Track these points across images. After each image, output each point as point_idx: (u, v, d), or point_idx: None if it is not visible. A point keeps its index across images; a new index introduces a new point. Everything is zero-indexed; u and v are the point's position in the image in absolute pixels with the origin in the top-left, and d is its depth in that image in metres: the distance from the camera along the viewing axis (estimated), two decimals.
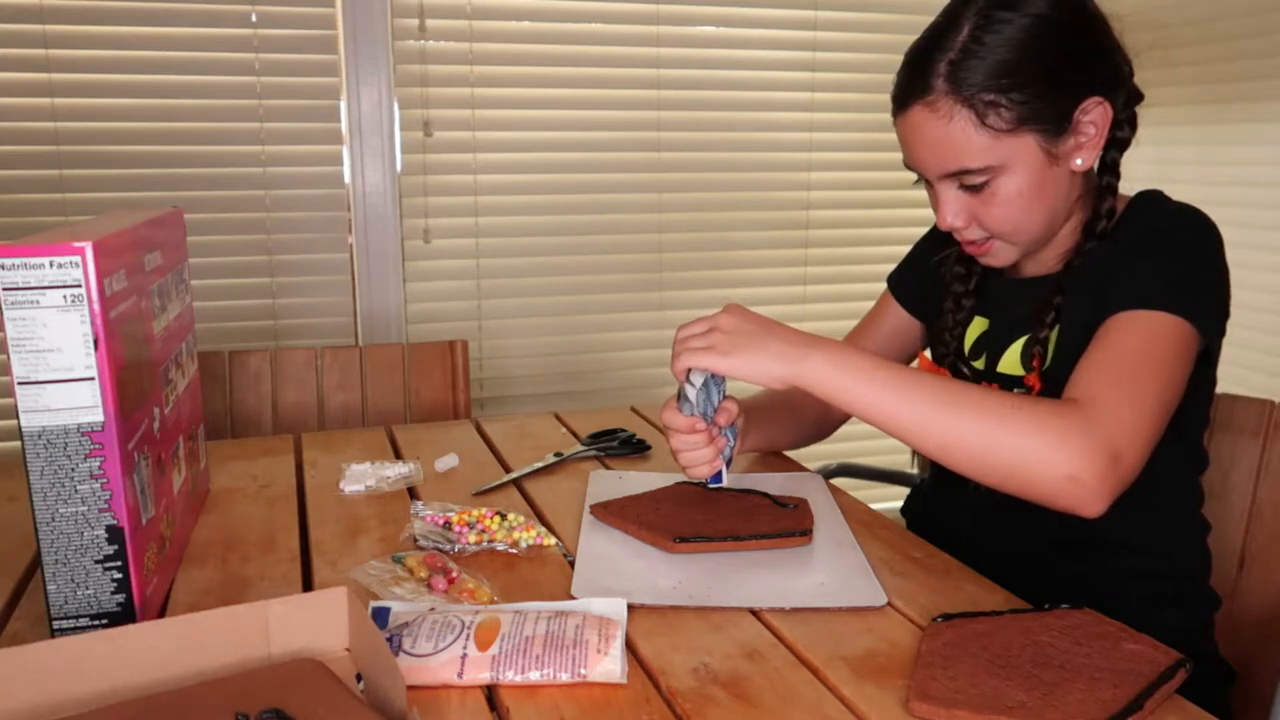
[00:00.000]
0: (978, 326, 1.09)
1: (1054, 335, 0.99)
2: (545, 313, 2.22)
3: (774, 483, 1.15)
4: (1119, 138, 0.98)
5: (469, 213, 2.12)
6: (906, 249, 1.27)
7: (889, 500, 2.08)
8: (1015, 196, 0.94)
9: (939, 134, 0.93)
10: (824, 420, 1.26)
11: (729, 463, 1.02)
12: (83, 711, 0.65)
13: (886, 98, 1.03)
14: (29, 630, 0.83)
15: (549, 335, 2.23)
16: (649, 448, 1.30)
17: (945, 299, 1.11)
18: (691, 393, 0.96)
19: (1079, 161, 0.95)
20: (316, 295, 2.06)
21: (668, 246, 2.27)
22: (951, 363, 1.08)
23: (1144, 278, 0.92)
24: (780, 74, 2.27)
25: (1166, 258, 0.93)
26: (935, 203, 1.00)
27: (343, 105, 2.00)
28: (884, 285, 1.26)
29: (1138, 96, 0.99)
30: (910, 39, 1.02)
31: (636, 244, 2.25)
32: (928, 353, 1.17)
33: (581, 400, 2.24)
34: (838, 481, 1.23)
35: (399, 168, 2.06)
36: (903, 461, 1.34)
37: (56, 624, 0.78)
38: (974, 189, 0.95)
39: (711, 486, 1.02)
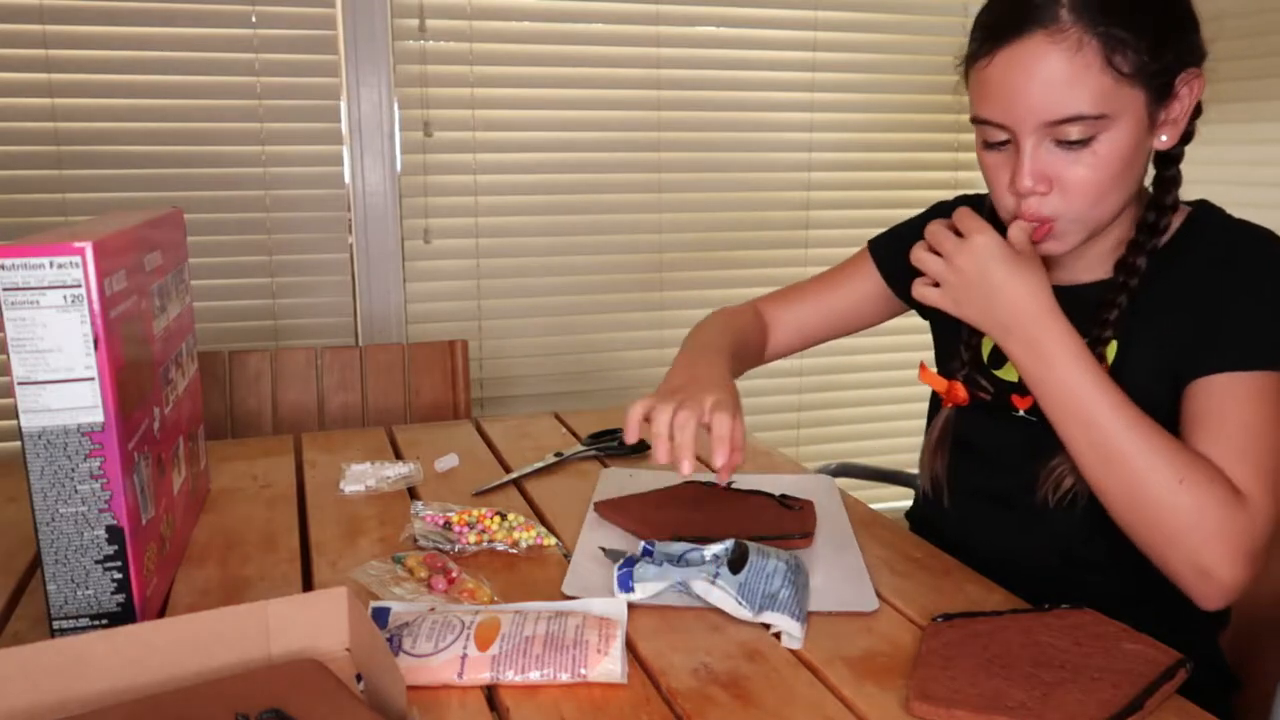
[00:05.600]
0: None
1: (1111, 349, 0.94)
2: (545, 313, 2.22)
3: (783, 484, 1.15)
4: (1188, 130, 0.92)
5: (469, 213, 2.12)
6: None
7: (889, 500, 2.08)
8: (1112, 159, 0.86)
9: (1060, 69, 0.83)
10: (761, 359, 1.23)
11: None
12: (83, 711, 0.65)
13: (887, 97, 1.00)
14: (29, 630, 0.83)
15: (549, 335, 2.23)
16: (649, 448, 1.30)
17: None
18: None
19: (1164, 138, 0.89)
20: (316, 295, 2.06)
21: (668, 246, 2.27)
22: (967, 375, 1.03)
23: (1260, 333, 0.88)
24: (780, 74, 2.27)
25: (1270, 307, 0.89)
26: (1001, 169, 0.91)
27: (343, 105, 2.00)
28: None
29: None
30: (910, 39, 1.00)
31: (636, 244, 2.25)
32: (929, 363, 1.12)
33: (581, 400, 2.24)
34: (837, 481, 1.23)
35: (399, 168, 2.06)
36: (903, 461, 1.34)
37: (56, 624, 0.78)
38: (1071, 145, 0.86)
39: None
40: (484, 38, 2.06)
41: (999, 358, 1.03)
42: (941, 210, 1.18)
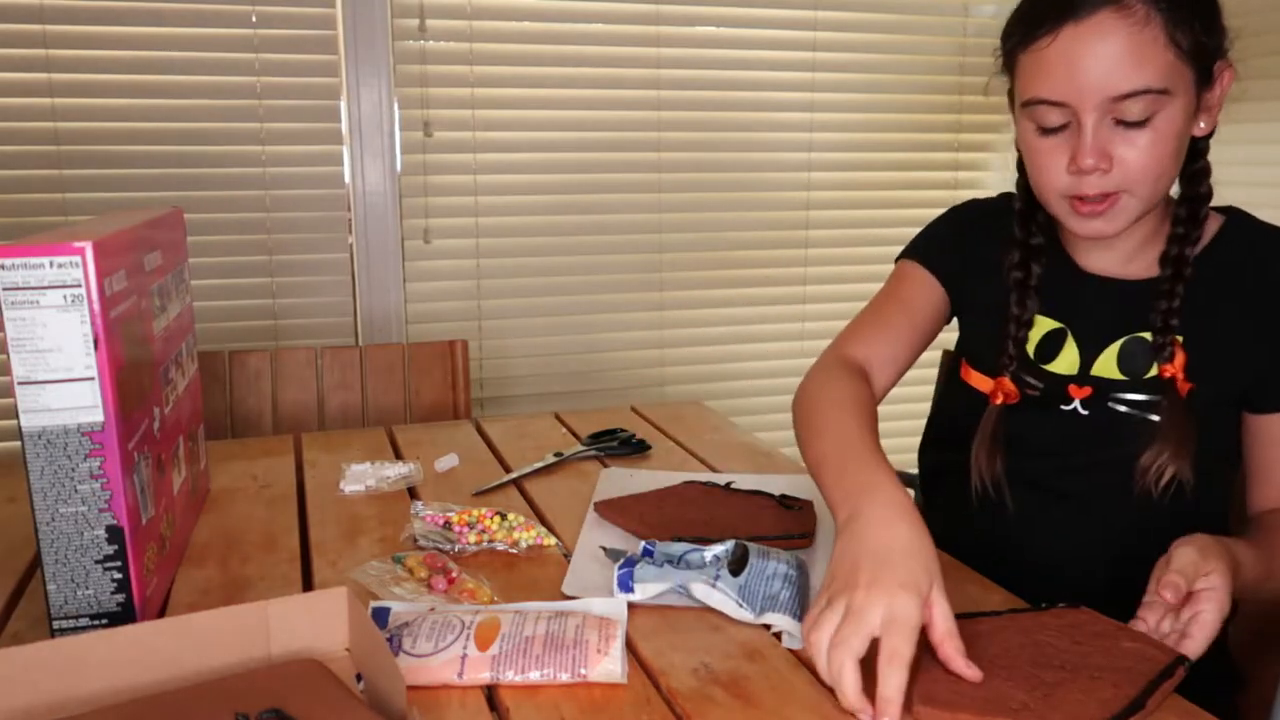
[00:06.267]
0: (1041, 326, 1.03)
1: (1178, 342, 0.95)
2: (545, 313, 2.22)
3: (783, 484, 1.14)
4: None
5: (469, 213, 2.12)
6: None
7: None
8: (1169, 136, 0.88)
9: (1128, 43, 0.85)
10: None
11: None
12: (83, 711, 0.65)
13: (887, 97, 1.00)
14: (29, 630, 0.83)
15: (549, 335, 2.23)
16: (649, 448, 1.30)
17: (1009, 298, 1.03)
18: None
19: (1202, 124, 0.92)
20: (316, 295, 2.06)
21: (668, 246, 2.27)
22: (1014, 371, 1.02)
23: None
24: (780, 74, 2.27)
25: None
26: (1055, 153, 0.91)
27: (343, 105, 2.00)
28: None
29: None
30: (910, 39, 1.00)
31: (636, 244, 2.25)
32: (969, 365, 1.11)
33: (581, 400, 2.24)
34: None
35: (399, 168, 2.06)
36: (903, 461, 1.33)
37: (56, 624, 0.78)
38: (1130, 124, 0.87)
39: None
40: (484, 38, 2.06)
41: (1046, 352, 1.02)
42: (961, 214, 1.16)
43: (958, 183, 2.43)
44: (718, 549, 0.86)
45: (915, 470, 1.45)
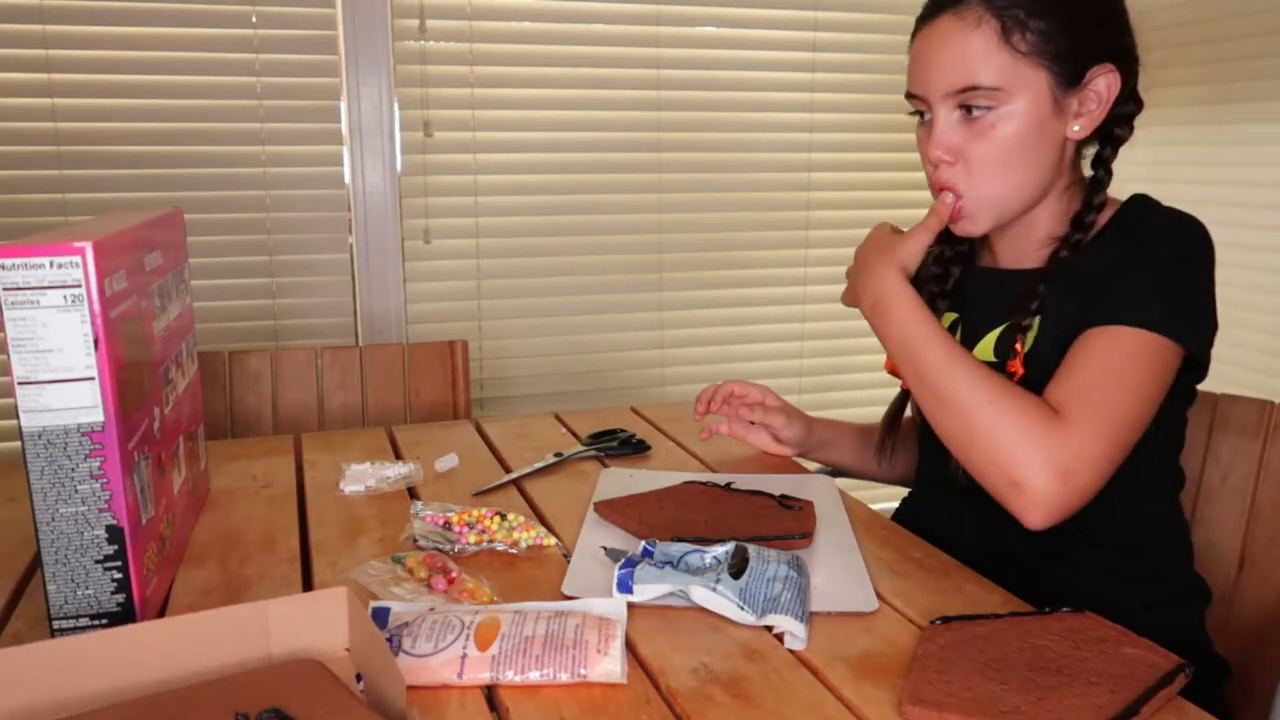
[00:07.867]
0: (945, 320, 1.10)
1: (1035, 326, 1.00)
2: (545, 313, 2.22)
3: (783, 484, 1.15)
4: (1116, 134, 1.00)
5: (469, 213, 2.12)
6: None
7: (889, 500, 2.08)
8: (1011, 135, 0.95)
9: (961, 43, 0.95)
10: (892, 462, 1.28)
11: None
12: (83, 711, 0.65)
13: (887, 98, 1.05)
14: (29, 630, 0.83)
15: (549, 335, 2.23)
16: (649, 448, 1.30)
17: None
18: None
19: (1076, 128, 0.97)
20: (316, 295, 2.06)
21: (668, 246, 2.27)
22: None
23: (1131, 293, 0.92)
24: (780, 74, 2.27)
25: (1155, 272, 0.93)
26: (925, 141, 1.01)
27: (343, 105, 2.00)
28: None
29: (1139, 102, 1.00)
30: (909, 39, 1.03)
31: (636, 244, 2.25)
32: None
33: (581, 400, 2.24)
34: (837, 481, 1.23)
35: (399, 168, 2.06)
36: None
37: (56, 624, 0.78)
38: (974, 116, 0.96)
39: None
40: (484, 38, 2.06)
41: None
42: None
43: None
44: (718, 551, 0.87)
45: None
